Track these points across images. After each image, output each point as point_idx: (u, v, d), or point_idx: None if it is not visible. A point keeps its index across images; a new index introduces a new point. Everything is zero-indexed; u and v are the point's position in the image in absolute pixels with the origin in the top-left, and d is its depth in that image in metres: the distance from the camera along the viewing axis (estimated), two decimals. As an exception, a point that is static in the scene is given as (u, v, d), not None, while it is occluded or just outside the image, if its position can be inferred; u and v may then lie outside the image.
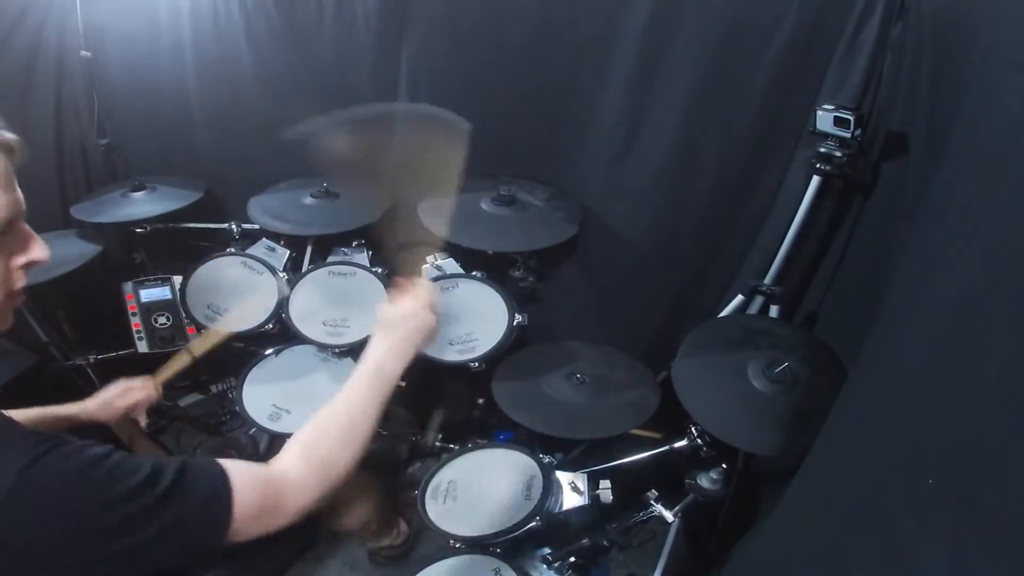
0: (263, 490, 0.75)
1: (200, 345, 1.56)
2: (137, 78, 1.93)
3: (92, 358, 1.89)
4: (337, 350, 1.69)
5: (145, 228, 1.83)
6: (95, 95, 1.96)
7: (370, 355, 0.96)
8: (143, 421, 1.35)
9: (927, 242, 0.80)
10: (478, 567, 1.30)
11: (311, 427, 0.86)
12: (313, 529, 1.48)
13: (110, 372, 1.38)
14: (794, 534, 0.94)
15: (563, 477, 1.45)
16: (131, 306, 1.83)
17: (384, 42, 1.66)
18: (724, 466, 1.35)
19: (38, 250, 0.74)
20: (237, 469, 0.74)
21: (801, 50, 1.38)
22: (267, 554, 1.15)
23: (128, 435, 1.36)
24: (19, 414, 0.95)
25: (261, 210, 1.75)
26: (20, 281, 0.73)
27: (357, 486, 1.46)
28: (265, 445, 1.84)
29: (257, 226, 1.77)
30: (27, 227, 0.73)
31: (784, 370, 1.22)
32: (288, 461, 0.81)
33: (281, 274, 1.76)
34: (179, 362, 1.48)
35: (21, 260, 0.72)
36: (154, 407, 1.35)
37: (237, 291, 1.75)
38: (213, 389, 2.18)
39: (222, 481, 0.72)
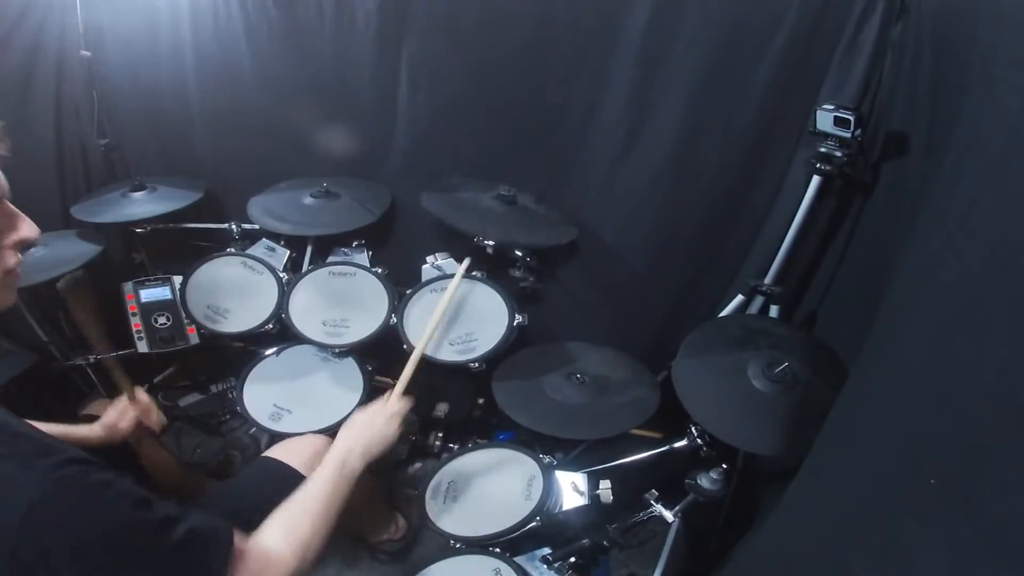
0: (253, 565, 0.81)
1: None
2: (137, 78, 1.93)
3: (92, 358, 1.89)
4: (337, 350, 1.69)
5: (145, 228, 1.83)
6: (95, 95, 1.96)
7: (335, 451, 1.08)
8: (155, 424, 1.37)
9: (927, 242, 0.80)
10: (478, 567, 1.30)
11: (290, 511, 0.93)
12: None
13: (110, 372, 1.39)
14: (794, 534, 0.94)
15: (563, 477, 1.45)
16: (131, 306, 1.82)
17: (384, 42, 1.66)
18: (724, 466, 1.35)
19: (27, 228, 0.75)
20: (237, 540, 0.80)
21: (801, 50, 1.38)
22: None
23: (136, 436, 1.36)
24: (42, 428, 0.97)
25: (261, 210, 1.74)
26: (12, 259, 0.74)
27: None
28: (266, 445, 1.84)
29: (257, 226, 1.77)
30: (13, 207, 0.74)
31: (784, 370, 1.22)
32: (272, 539, 0.87)
33: (281, 274, 1.76)
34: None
35: (11, 239, 0.74)
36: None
37: (237, 291, 1.76)
38: (213, 389, 2.18)
39: (227, 549, 0.77)
